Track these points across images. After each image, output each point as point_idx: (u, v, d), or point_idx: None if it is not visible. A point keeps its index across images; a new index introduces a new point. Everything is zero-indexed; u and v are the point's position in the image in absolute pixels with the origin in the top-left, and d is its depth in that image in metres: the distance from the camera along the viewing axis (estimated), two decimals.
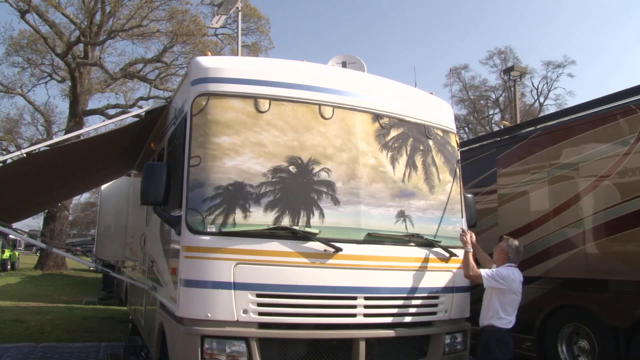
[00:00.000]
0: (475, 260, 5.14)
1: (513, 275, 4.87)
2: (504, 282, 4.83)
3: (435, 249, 4.96)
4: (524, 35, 65.19)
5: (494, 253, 5.30)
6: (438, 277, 4.95)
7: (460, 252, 5.14)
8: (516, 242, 5.08)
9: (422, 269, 4.85)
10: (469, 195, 5.81)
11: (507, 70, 22.90)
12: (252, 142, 4.49)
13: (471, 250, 5.03)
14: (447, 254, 5.01)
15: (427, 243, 4.91)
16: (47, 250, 23.31)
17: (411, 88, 5.80)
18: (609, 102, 6.69)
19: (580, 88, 58.08)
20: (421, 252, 4.88)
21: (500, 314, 4.83)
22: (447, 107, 5.94)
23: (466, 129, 40.63)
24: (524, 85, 36.57)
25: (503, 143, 8.32)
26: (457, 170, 5.54)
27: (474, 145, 9.29)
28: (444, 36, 77.24)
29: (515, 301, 4.91)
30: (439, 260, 4.97)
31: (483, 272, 4.89)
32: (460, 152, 5.90)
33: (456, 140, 5.72)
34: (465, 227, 5.38)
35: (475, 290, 5.27)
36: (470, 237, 5.14)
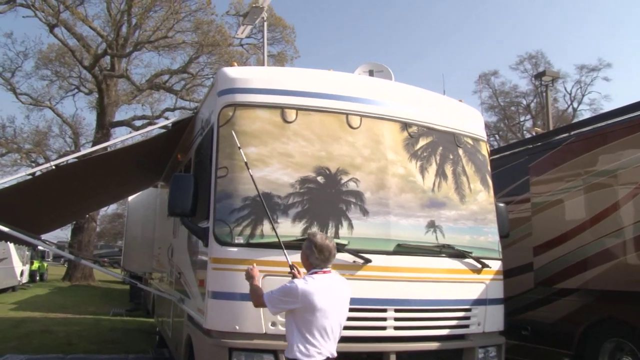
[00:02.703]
0: None
1: (309, 286, 3.35)
2: (292, 299, 3.36)
3: (466, 260, 4.91)
4: (555, 38, 64.15)
5: None
6: (470, 288, 4.90)
7: (493, 264, 5.06)
8: (319, 238, 3.52)
9: (454, 281, 4.82)
10: (501, 205, 5.74)
11: (539, 76, 22.52)
12: (279, 153, 4.54)
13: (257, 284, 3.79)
14: (479, 265, 4.96)
15: (458, 254, 4.87)
16: (75, 262, 23.83)
17: (440, 96, 5.79)
18: None
19: (617, 92, 56.57)
20: (452, 264, 4.85)
21: (304, 343, 3.31)
22: (477, 115, 5.90)
23: (497, 136, 40.05)
24: (556, 90, 35.92)
25: (536, 150, 8.19)
26: (488, 178, 5.49)
27: (506, 153, 9.16)
28: (473, 42, 76.63)
29: (320, 320, 3.33)
30: (470, 272, 4.93)
31: (265, 294, 3.54)
32: (491, 160, 5.85)
33: (487, 148, 5.69)
34: (497, 236, 5.30)
35: (510, 301, 5.18)
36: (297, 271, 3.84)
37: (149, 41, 24.43)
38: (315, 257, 3.47)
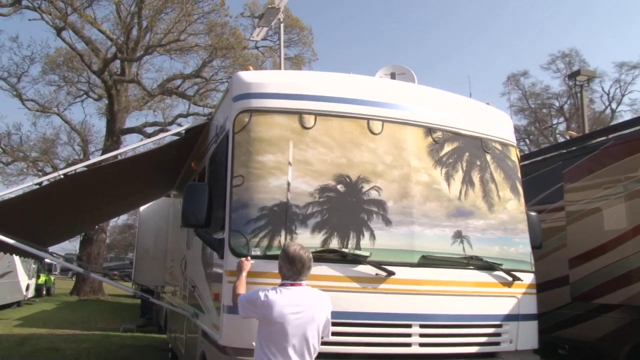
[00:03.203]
0: None
1: (270, 297, 3.42)
2: (252, 307, 3.50)
3: (496, 273, 4.89)
4: (591, 35, 63.45)
5: None
6: (501, 303, 4.88)
7: (525, 276, 5.03)
8: (292, 249, 3.59)
9: (483, 295, 4.80)
10: (533, 214, 5.71)
11: (573, 75, 22.24)
12: (297, 160, 4.60)
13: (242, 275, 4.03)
14: (510, 278, 4.93)
15: (487, 266, 4.86)
16: (83, 275, 24.11)
17: (466, 99, 5.80)
18: None
19: None
20: (481, 276, 4.83)
21: (262, 357, 3.40)
22: (506, 118, 5.90)
23: (527, 140, 39.65)
24: (592, 90, 35.47)
25: (570, 155, 8.11)
26: (519, 186, 5.48)
27: (537, 159, 9.09)
28: (500, 41, 76.18)
29: (278, 336, 3.38)
30: (501, 285, 4.90)
31: (240, 296, 3.71)
32: (522, 166, 5.83)
33: (516, 154, 5.67)
34: (529, 247, 5.27)
35: (544, 317, 5.13)
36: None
37: (160, 44, 24.74)
38: (287, 268, 3.54)
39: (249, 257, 4.16)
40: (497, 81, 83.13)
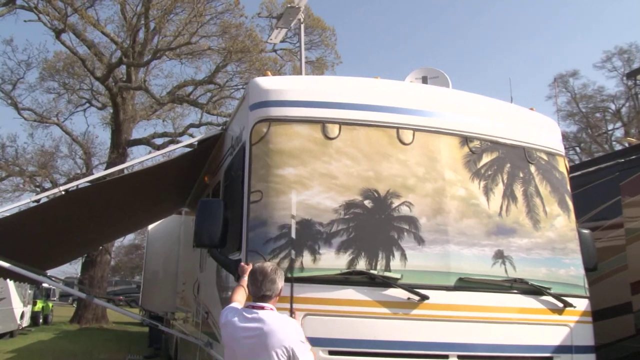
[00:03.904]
0: None
1: (232, 319, 3.69)
2: (220, 323, 3.87)
3: (544, 298, 4.88)
4: None
5: None
6: (550, 332, 4.84)
7: (578, 302, 4.99)
8: (258, 265, 3.83)
9: (529, 322, 4.78)
10: (585, 231, 5.67)
11: (633, 74, 21.98)
12: (320, 174, 4.69)
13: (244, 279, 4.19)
14: (560, 304, 4.90)
15: (534, 290, 4.85)
16: (85, 301, 24.26)
17: (506, 104, 5.83)
18: None
19: None
20: (527, 302, 4.82)
21: None
22: (552, 125, 5.91)
23: (578, 149, 39.06)
24: None
25: (629, 165, 8.01)
26: (568, 200, 5.47)
27: (590, 169, 9.00)
28: (545, 39, 75.55)
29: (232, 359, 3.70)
30: (550, 312, 4.88)
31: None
32: (571, 178, 5.82)
33: (565, 164, 5.67)
34: (582, 269, 5.23)
35: (603, 350, 5.04)
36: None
37: (169, 48, 24.89)
38: (249, 283, 3.78)
39: (250, 263, 4.23)
40: (542, 83, 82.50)
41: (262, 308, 3.66)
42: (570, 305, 4.93)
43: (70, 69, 28.32)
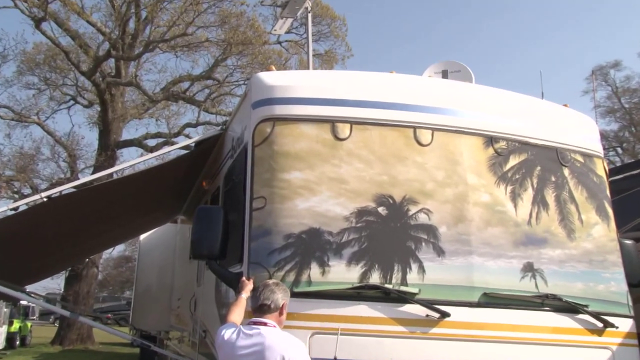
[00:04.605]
0: None
1: (230, 338, 3.84)
2: (215, 344, 4.01)
3: (580, 317, 4.88)
4: None
5: None
6: (589, 356, 4.85)
7: (621, 322, 4.97)
8: (264, 282, 4.09)
9: (564, 344, 4.78)
10: (628, 242, 5.67)
11: None
12: (329, 178, 4.74)
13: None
14: (599, 324, 4.90)
15: (568, 308, 4.85)
16: (69, 319, 24.23)
17: (536, 100, 5.88)
18: None
19: None
20: (560, 320, 4.83)
21: None
22: (589, 123, 5.94)
23: (619, 149, 38.77)
24: None
25: None
26: (607, 207, 5.48)
27: (633, 172, 9.00)
28: (581, 26, 75.12)
29: None
30: (587, 332, 4.88)
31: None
32: (611, 182, 5.82)
33: (604, 167, 5.68)
34: (625, 285, 5.22)
35: None
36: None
37: (163, 39, 24.87)
38: (250, 297, 4.03)
39: (252, 279, 4.34)
40: (577, 77, 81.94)
41: (265, 324, 3.81)
42: (612, 325, 4.92)
43: (52, 62, 28.15)
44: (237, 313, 4.14)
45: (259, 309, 3.91)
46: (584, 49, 73.99)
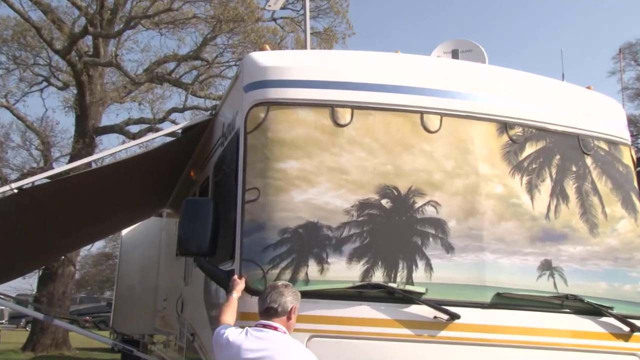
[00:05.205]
0: None
1: (237, 339, 3.90)
2: (215, 345, 4.06)
3: (605, 319, 4.90)
4: None
5: None
6: None
7: None
8: (272, 284, 4.20)
9: (586, 350, 4.80)
10: None
11: None
12: (329, 168, 4.77)
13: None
14: (626, 328, 4.92)
15: (590, 309, 4.88)
16: (42, 323, 24.11)
17: (556, 82, 5.90)
18: None
19: None
20: (582, 323, 4.85)
21: None
22: (615, 106, 5.98)
23: None
24: None
25: None
26: (635, 199, 5.51)
27: None
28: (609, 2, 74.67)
29: None
30: (613, 337, 4.89)
31: (221, 328, 4.15)
32: (639, 172, 5.83)
33: (631, 155, 5.70)
34: None
35: None
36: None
37: (146, 15, 24.69)
38: (259, 299, 4.08)
39: (243, 278, 4.44)
40: (602, 56, 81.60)
41: (275, 329, 3.91)
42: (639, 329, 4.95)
43: (22, 39, 27.75)
44: (230, 314, 4.20)
45: (265, 312, 3.99)
46: (612, 27, 73.70)
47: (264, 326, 3.93)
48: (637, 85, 38.51)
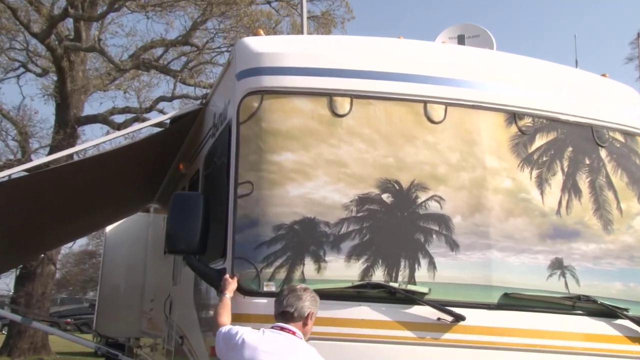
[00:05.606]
0: None
1: (252, 340, 3.93)
2: (224, 345, 4.05)
3: (619, 322, 4.93)
4: None
5: None
6: None
7: None
8: (290, 286, 4.25)
9: (599, 353, 4.83)
10: None
11: None
12: (326, 160, 4.80)
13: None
14: None
15: (605, 311, 4.90)
16: (20, 326, 24.07)
17: (569, 69, 5.92)
18: None
19: None
20: (595, 326, 4.88)
21: None
22: (632, 95, 5.99)
23: None
24: None
25: None
26: None
27: None
28: None
29: None
30: (628, 340, 4.92)
31: (222, 330, 4.19)
32: None
33: None
34: None
35: None
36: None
37: None
38: (275, 301, 4.10)
39: (235, 276, 4.46)
40: (619, 41, 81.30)
41: (293, 334, 3.94)
42: None
43: None
44: (226, 315, 4.23)
45: (281, 315, 4.02)
46: (634, 10, 73.54)
47: (282, 329, 3.96)
48: None
